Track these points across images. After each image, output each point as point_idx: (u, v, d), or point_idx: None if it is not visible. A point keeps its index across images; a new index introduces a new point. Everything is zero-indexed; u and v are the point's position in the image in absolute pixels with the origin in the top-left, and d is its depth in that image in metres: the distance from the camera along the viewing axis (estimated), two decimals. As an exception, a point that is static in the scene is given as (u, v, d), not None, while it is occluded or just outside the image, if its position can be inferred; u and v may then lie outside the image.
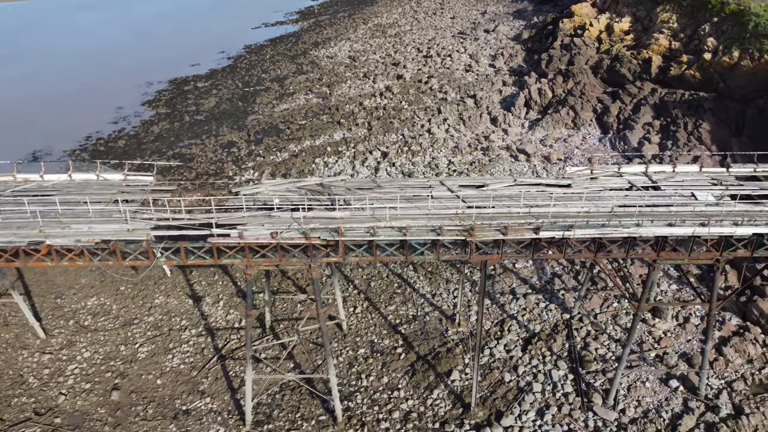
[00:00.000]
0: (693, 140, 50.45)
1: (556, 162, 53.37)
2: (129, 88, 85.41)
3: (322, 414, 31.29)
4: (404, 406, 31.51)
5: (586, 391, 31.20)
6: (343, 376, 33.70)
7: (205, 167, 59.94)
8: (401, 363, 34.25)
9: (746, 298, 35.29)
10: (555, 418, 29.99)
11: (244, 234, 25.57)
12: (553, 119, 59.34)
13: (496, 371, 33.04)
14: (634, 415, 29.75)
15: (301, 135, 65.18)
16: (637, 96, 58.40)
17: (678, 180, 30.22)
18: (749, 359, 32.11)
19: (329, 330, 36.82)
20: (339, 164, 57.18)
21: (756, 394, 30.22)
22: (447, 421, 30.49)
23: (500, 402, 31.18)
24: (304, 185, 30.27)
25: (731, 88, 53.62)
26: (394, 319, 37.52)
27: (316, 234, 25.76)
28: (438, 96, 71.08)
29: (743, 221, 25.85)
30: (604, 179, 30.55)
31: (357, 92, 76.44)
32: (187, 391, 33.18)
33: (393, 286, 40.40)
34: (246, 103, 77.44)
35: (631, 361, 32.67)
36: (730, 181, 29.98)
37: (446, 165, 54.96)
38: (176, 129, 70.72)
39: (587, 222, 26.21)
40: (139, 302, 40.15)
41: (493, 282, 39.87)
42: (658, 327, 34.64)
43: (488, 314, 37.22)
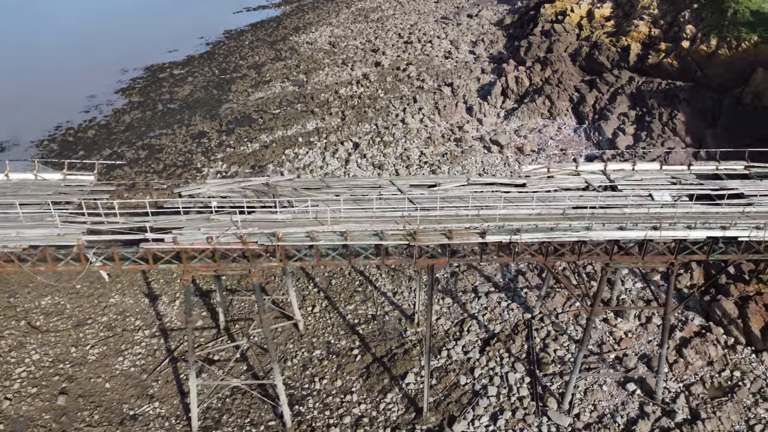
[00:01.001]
0: (667, 131, 49.40)
1: (529, 153, 52.29)
2: (103, 75, 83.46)
3: (272, 419, 30.53)
4: (356, 410, 30.76)
5: (542, 395, 30.48)
6: (296, 378, 32.91)
7: (173, 159, 58.65)
8: (357, 365, 33.44)
9: (710, 298, 34.52)
10: (508, 423, 29.29)
11: (179, 239, 24.56)
12: (529, 109, 58.13)
13: (452, 374, 32.27)
14: (589, 420, 29.07)
15: (274, 125, 63.84)
16: (614, 85, 57.21)
17: (637, 179, 29.22)
18: (709, 361, 31.41)
19: (286, 330, 35.98)
20: (309, 156, 55.97)
21: (714, 398, 29.55)
22: (399, 426, 29.78)
23: (454, 406, 30.45)
24: (249, 185, 29.15)
25: (708, 77, 52.51)
26: (353, 319, 36.67)
27: (253, 238, 24.79)
28: (415, 84, 69.66)
29: (696, 224, 24.92)
30: (561, 178, 29.53)
31: (334, 80, 74.92)
32: (136, 395, 32.35)
33: (354, 284, 39.50)
34: (221, 91, 75.85)
35: (590, 364, 31.95)
36: (690, 180, 29.00)
37: (418, 157, 53.83)
38: (148, 118, 69.21)
39: (536, 225, 25.28)
40: (95, 301, 39.18)
41: (456, 279, 39.00)
42: (619, 327, 33.87)
43: (448, 314, 36.40)
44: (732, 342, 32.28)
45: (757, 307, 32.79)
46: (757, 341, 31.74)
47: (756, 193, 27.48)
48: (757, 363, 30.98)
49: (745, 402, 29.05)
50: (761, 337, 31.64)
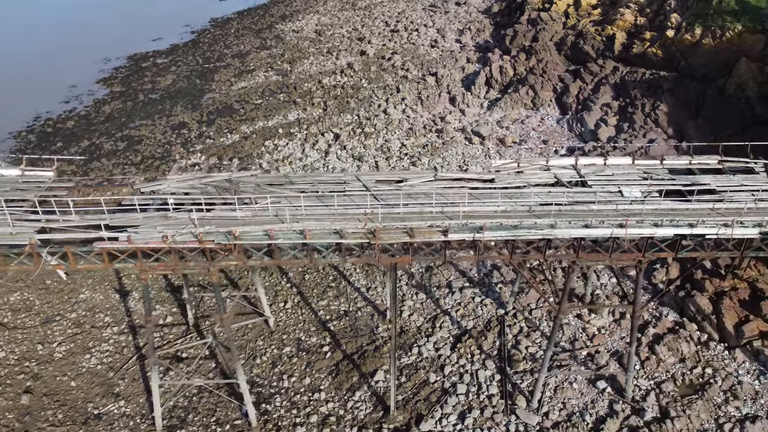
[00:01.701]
0: (650, 122, 48.75)
1: (510, 145, 51.61)
2: (85, 65, 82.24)
3: (238, 418, 30.09)
4: (324, 409, 30.34)
5: (512, 393, 30.08)
6: (264, 376, 32.46)
7: (151, 150, 57.82)
8: (326, 362, 33.00)
9: (685, 293, 34.07)
10: (477, 422, 28.91)
11: (133, 238, 23.95)
12: (512, 99, 57.37)
13: (422, 371, 31.85)
14: (558, 419, 28.70)
15: (255, 115, 62.97)
16: (598, 75, 56.43)
17: (608, 174, 28.62)
18: (682, 358, 31.03)
19: (256, 327, 35.48)
20: (289, 147, 55.20)
21: (684, 395, 29.19)
22: (366, 425, 29.38)
23: (422, 405, 30.05)
24: (211, 181, 28.49)
25: (692, 67, 51.77)
26: (325, 315, 36.18)
27: (210, 237, 24.19)
28: (399, 74, 68.74)
29: (663, 221, 24.37)
30: (531, 173, 28.93)
31: (318, 69, 73.92)
32: (101, 393, 31.88)
33: (328, 278, 38.97)
34: (204, 81, 74.82)
35: (562, 361, 31.54)
36: (662, 175, 28.42)
37: (398, 148, 53.11)
38: (128, 109, 68.22)
39: (501, 223, 24.70)
40: (64, 297, 38.61)
41: (431, 274, 38.49)
42: (593, 324, 33.44)
43: (421, 310, 35.93)
44: (705, 338, 31.89)
45: (732, 303, 32.37)
46: (731, 338, 31.35)
47: (727, 188, 26.95)
48: (730, 360, 30.60)
49: (716, 400, 28.69)
50: (734, 334, 31.25)
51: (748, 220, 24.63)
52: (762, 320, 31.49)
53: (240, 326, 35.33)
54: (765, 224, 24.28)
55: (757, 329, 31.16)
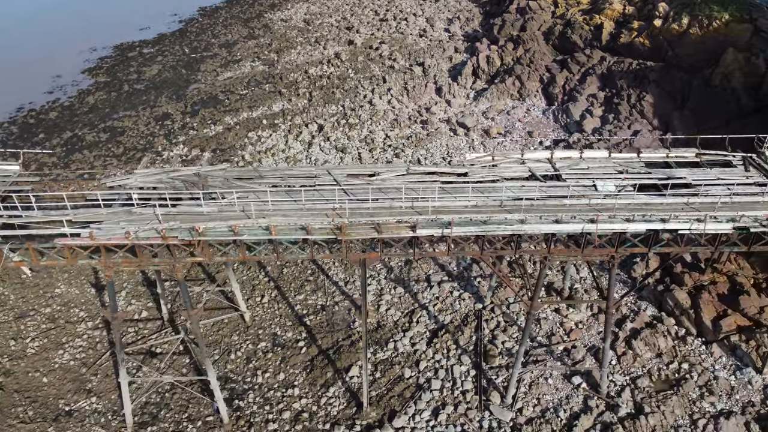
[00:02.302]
0: (635, 113, 48.24)
1: (495, 136, 51.07)
2: (71, 55, 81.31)
3: (210, 415, 29.79)
4: (297, 405, 30.05)
5: (486, 389, 29.81)
6: (238, 372, 32.13)
7: (134, 142, 57.16)
8: (301, 358, 32.67)
9: (664, 287, 33.74)
10: (450, 418, 28.65)
11: (95, 234, 23.49)
12: (498, 90, 56.75)
13: (397, 367, 31.55)
14: (532, 415, 28.44)
15: (240, 106, 62.28)
16: (585, 65, 55.81)
17: (583, 168, 28.18)
18: (659, 353, 30.74)
19: (232, 321, 35.11)
20: (272, 138, 54.59)
21: (659, 391, 28.92)
22: (338, 421, 29.09)
23: (396, 401, 29.77)
24: (179, 175, 28.00)
25: (679, 57, 51.20)
26: (302, 310, 35.81)
27: (173, 233, 23.74)
28: (386, 64, 67.99)
29: (634, 216, 23.97)
30: (505, 167, 28.47)
31: (305, 59, 73.10)
32: (73, 389, 31.54)
33: (306, 272, 38.57)
34: (190, 71, 73.99)
35: (538, 356, 31.25)
36: (638, 169, 27.98)
37: (383, 140, 52.54)
38: (113, 99, 67.45)
39: (471, 218, 24.28)
40: (39, 291, 38.17)
41: (410, 268, 38.11)
42: (570, 318, 33.12)
43: (399, 304, 35.57)
44: (683, 333, 31.59)
45: (710, 297, 32.07)
46: (708, 332, 31.06)
47: (702, 182, 26.53)
48: (707, 355, 30.33)
49: (691, 395, 28.44)
50: (712, 328, 30.96)
51: (722, 215, 24.30)
52: (740, 315, 31.20)
53: (216, 321, 34.97)
54: (738, 219, 23.90)
55: (734, 324, 30.88)
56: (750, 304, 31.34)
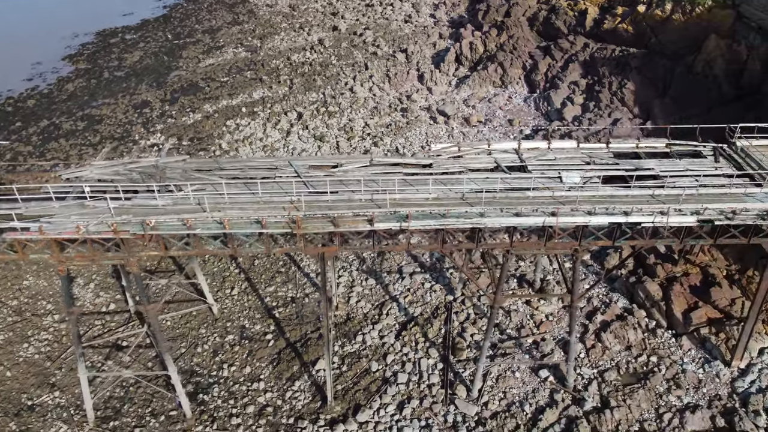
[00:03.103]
0: (616, 101, 47.58)
1: (476, 124, 50.41)
2: (52, 41, 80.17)
3: (174, 409, 29.44)
4: (261, 399, 29.70)
5: (453, 382, 29.47)
6: (205, 365, 31.75)
7: (111, 130, 56.35)
8: (268, 351, 32.29)
9: (636, 279, 33.35)
10: (415, 412, 28.34)
11: (45, 228, 22.94)
12: (480, 77, 55.96)
13: (365, 360, 31.19)
14: (497, 409, 28.14)
15: (219, 94, 61.42)
16: (569, 51, 54.99)
17: (550, 159, 27.63)
18: (628, 345, 30.39)
19: (201, 314, 34.68)
20: (251, 127, 53.85)
21: (627, 384, 28.60)
22: (302, 416, 28.77)
23: (361, 394, 29.43)
24: (137, 167, 27.41)
25: (662, 44, 50.43)
26: (272, 302, 35.38)
27: (125, 227, 23.20)
28: (370, 50, 67.05)
29: (596, 209, 23.48)
30: (471, 158, 27.91)
31: (288, 45, 72.12)
32: (36, 384, 31.14)
33: (278, 264, 38.10)
34: (171, 58, 72.95)
35: (506, 349, 30.90)
36: (606, 160, 27.44)
37: (362, 128, 51.84)
38: (92, 87, 66.51)
39: (430, 211, 23.77)
40: (8, 284, 37.67)
41: (382, 259, 37.65)
42: (541, 310, 32.73)
43: (370, 296, 35.16)
44: (653, 325, 31.24)
45: (682, 289, 31.69)
46: (679, 324, 30.71)
47: (669, 173, 26.02)
48: (676, 347, 29.99)
49: (658, 389, 28.13)
50: (682, 321, 30.60)
51: (686, 208, 23.82)
52: (711, 307, 30.85)
53: (184, 314, 34.56)
54: (702, 212, 23.42)
55: (705, 316, 30.53)
56: (721, 296, 30.99)
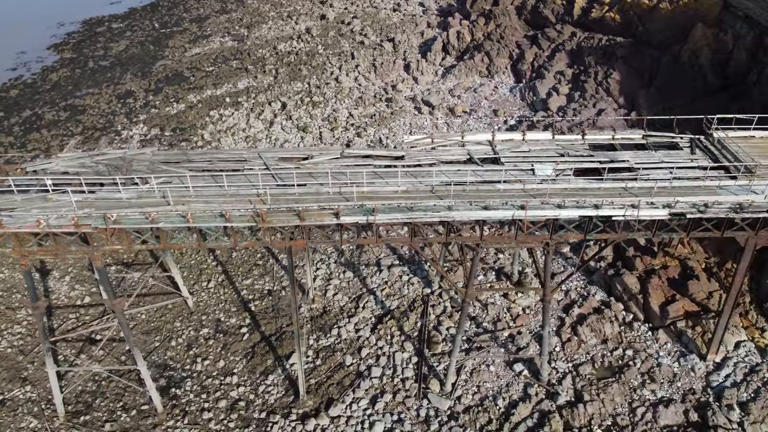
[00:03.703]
0: (601, 91, 47.05)
1: (460, 115, 49.90)
2: (37, 30, 79.46)
3: (146, 403, 29.18)
4: (234, 393, 29.45)
5: (427, 376, 29.22)
6: (178, 359, 31.48)
7: (94, 121, 55.80)
8: (243, 344, 32.01)
9: (614, 272, 33.05)
10: (387, 407, 28.11)
11: (5, 222, 22.53)
12: (467, 66, 55.36)
13: (339, 354, 30.92)
14: (470, 403, 27.89)
15: (204, 83, 60.81)
16: (556, 41, 54.37)
17: (524, 150, 27.21)
18: (604, 339, 30.14)
19: (176, 307, 34.37)
20: (234, 117, 53.30)
21: (601, 378, 28.36)
22: (275, 410, 28.53)
23: (334, 389, 29.18)
24: (103, 159, 26.95)
25: (650, 33, 49.79)
26: (248, 295, 35.07)
27: (87, 221, 22.80)
28: (357, 39, 66.35)
29: (566, 202, 23.11)
30: (444, 150, 27.49)
31: (276, 34, 71.39)
32: (8, 378, 30.84)
33: (255, 256, 37.76)
34: (158, 47, 72.24)
35: (482, 342, 30.64)
36: (581, 152, 27.02)
37: (346, 118, 51.31)
38: (76, 76, 65.86)
39: (398, 204, 23.39)
40: (-17, 277, 37.34)
41: (360, 252, 37.30)
42: (518, 303, 32.45)
43: (347, 289, 34.84)
44: (630, 319, 30.97)
45: (660, 282, 31.38)
46: (655, 318, 30.44)
47: (644, 165, 25.63)
48: (652, 341, 29.73)
49: (632, 383, 27.89)
50: (659, 314, 30.33)
51: (658, 201, 23.45)
52: (688, 300, 30.57)
53: (160, 307, 34.25)
54: (674, 205, 23.05)
55: (682, 309, 30.25)
56: (699, 289, 30.69)
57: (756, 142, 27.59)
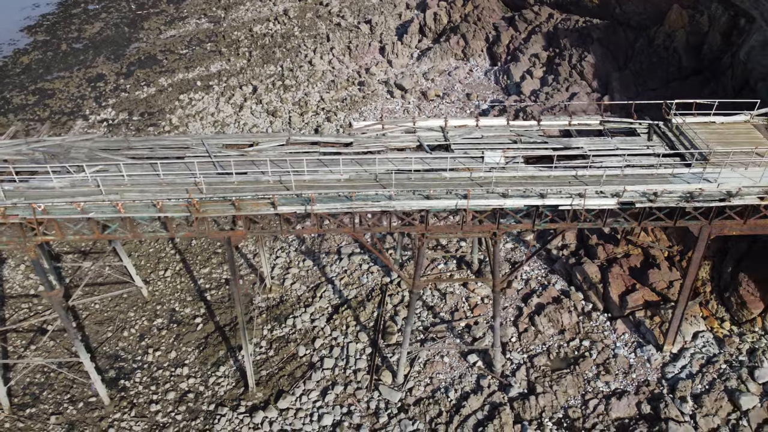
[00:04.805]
0: (575, 75, 46.06)
1: (433, 99, 48.92)
2: (11, 11, 77.85)
3: (93, 395, 28.64)
4: (184, 385, 28.92)
5: (380, 367, 28.69)
6: (130, 350, 30.89)
7: (62, 105, 54.69)
8: (196, 335, 31.43)
9: (575, 261, 32.41)
10: (338, 399, 27.60)
11: (-72, 212, 21.77)
12: (442, 49, 54.24)
13: (293, 344, 30.35)
14: (422, 395, 27.39)
15: (176, 66, 59.62)
16: (533, 22, 53.20)
17: (476, 137, 26.39)
18: (562, 329, 29.57)
19: (131, 296, 33.72)
20: (204, 101, 52.26)
21: (555, 369, 27.84)
22: (224, 402, 28.01)
23: (285, 380, 28.65)
24: (41, 146, 26.09)
25: (627, 14, 48.69)
26: (205, 284, 34.43)
27: (14, 211, 22.04)
28: (334, 21, 65.03)
29: (509, 191, 22.38)
30: (394, 136, 26.66)
31: (253, 16, 70.00)
32: (-45, 369, 30.28)
33: (215, 245, 37.03)
34: (133, 29, 70.82)
35: (438, 333, 30.07)
36: (534, 138, 26.19)
37: (316, 102, 50.32)
38: (48, 59, 64.54)
39: (338, 193, 22.64)
40: (-63, 265, 36.61)
41: (322, 239, 36.60)
42: (477, 293, 31.85)
43: (305, 278, 34.20)
44: (589, 308, 30.39)
45: (620, 271, 30.76)
46: (615, 307, 29.86)
47: (596, 152, 24.85)
48: (610, 331, 29.17)
49: (587, 374, 27.37)
50: (619, 304, 29.75)
51: (607, 189, 22.73)
52: (648, 289, 29.98)
53: (114, 296, 33.60)
54: (621, 194, 22.31)
55: (642, 299, 29.65)
56: (659, 278, 30.09)
57: (716, 127, 26.79)
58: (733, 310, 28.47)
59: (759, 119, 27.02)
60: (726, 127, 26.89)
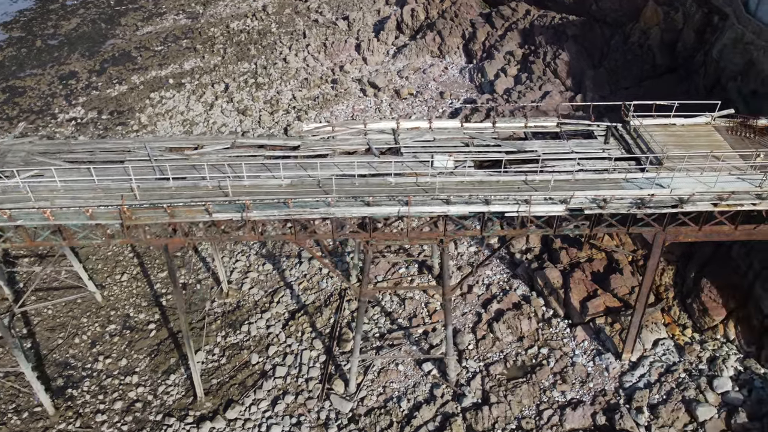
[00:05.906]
0: (549, 73, 45.20)
1: (406, 97, 48.04)
2: (-12, 7, 76.73)
3: (38, 405, 27.89)
4: (132, 394, 28.18)
5: (333, 376, 27.95)
6: (80, 357, 30.14)
7: (31, 103, 53.74)
8: (149, 341, 30.68)
9: (538, 265, 31.65)
10: (288, 409, 26.88)
11: None
12: (418, 46, 53.32)
13: (246, 352, 29.61)
14: (374, 405, 26.67)
15: (150, 64, 58.64)
16: (510, 19, 52.28)
17: (427, 140, 25.57)
18: (520, 336, 28.83)
19: (85, 302, 32.93)
20: (174, 99, 51.35)
21: (512, 378, 27.12)
22: (171, 412, 27.28)
23: (236, 389, 27.92)
24: (-24, 150, 25.25)
25: (603, 11, 47.79)
26: (162, 288, 33.65)
27: (-61, 219, 21.24)
28: (312, 17, 64.05)
29: (452, 197, 21.60)
30: (343, 139, 25.84)
31: (231, 12, 68.96)
32: None
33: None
34: (109, 25, 69.72)
35: (394, 340, 29.34)
36: (487, 141, 25.38)
37: (288, 101, 49.43)
38: (22, 56, 63.47)
39: (277, 200, 21.86)
40: None
41: (283, 243, 35.81)
42: (437, 298, 31.09)
43: (264, 282, 33.44)
44: (550, 315, 29.64)
45: (582, 276, 30.02)
46: (575, 314, 29.12)
47: (549, 156, 24.06)
48: (569, 339, 28.43)
49: (543, 383, 26.66)
50: (579, 310, 29.02)
51: (556, 195, 21.95)
52: (610, 295, 29.25)
53: (68, 301, 32.81)
54: (569, 200, 21.53)
55: (603, 305, 28.92)
56: (621, 283, 29.37)
57: (676, 130, 26.01)
58: (696, 317, 27.76)
59: (720, 121, 26.24)
60: (686, 129, 26.11)
